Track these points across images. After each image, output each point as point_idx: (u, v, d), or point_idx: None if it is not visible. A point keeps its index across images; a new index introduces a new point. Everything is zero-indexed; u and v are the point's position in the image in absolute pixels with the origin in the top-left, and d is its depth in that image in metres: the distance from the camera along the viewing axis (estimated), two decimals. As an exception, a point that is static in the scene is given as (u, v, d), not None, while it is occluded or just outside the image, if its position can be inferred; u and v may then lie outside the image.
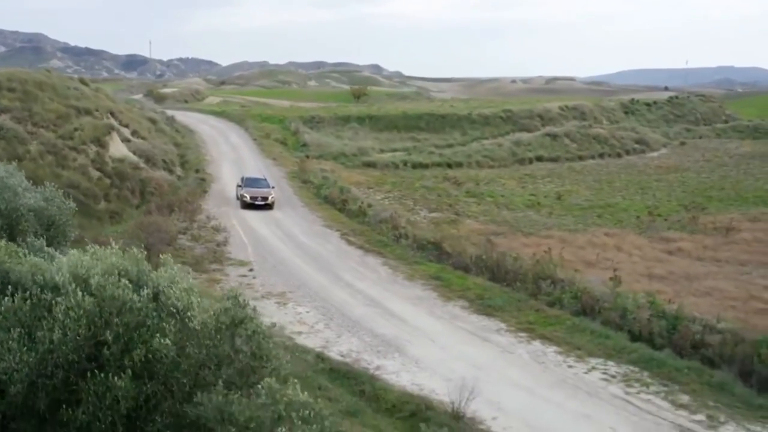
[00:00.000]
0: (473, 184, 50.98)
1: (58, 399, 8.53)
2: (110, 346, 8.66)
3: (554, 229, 37.57)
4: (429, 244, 29.35)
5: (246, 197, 37.50)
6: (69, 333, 8.59)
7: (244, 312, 9.49)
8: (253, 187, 38.45)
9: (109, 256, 9.74)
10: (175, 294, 9.07)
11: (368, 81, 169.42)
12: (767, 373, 17.99)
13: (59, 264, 9.59)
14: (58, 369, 8.59)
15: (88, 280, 9.01)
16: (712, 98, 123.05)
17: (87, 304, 8.72)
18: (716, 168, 65.79)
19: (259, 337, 9.67)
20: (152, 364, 8.63)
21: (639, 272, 30.18)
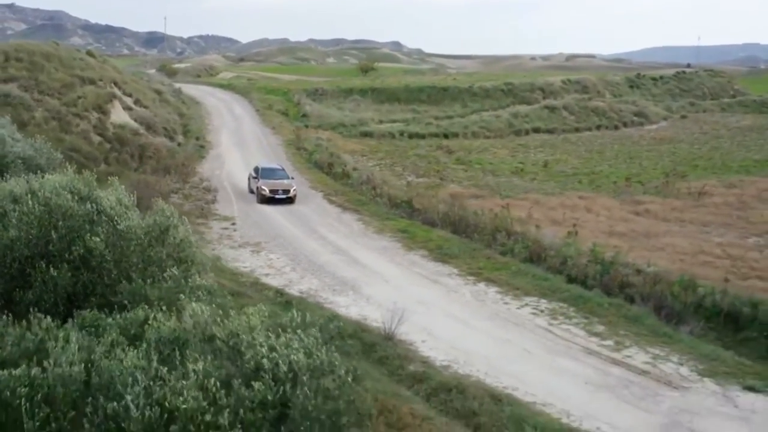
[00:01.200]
0: (465, 153, 52.82)
1: (14, 285, 10.75)
2: (55, 244, 10.87)
3: (532, 193, 39.38)
4: (402, 202, 31.41)
5: (264, 190, 33.26)
6: (23, 233, 10.81)
7: (168, 221, 11.66)
8: (270, 178, 34.20)
9: (61, 178, 11.95)
10: (110, 204, 11.25)
11: (387, 58, 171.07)
12: (677, 307, 20.03)
13: (20, 182, 11.82)
14: (15, 261, 10.81)
15: (40, 193, 11.22)
16: (722, 73, 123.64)
17: (37, 211, 10.92)
18: (711, 140, 67.06)
19: (185, 244, 11.86)
20: (87, 258, 10.84)
21: (601, 230, 31.99)
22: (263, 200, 33.14)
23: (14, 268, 10.78)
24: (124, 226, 10.97)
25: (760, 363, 17.45)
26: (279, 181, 34.07)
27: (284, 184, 33.91)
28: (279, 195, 33.28)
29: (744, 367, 17.01)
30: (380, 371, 16.07)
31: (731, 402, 15.15)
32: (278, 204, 33.02)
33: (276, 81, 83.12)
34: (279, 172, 35.44)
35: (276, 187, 33.45)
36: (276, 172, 35.31)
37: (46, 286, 10.52)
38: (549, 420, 14.01)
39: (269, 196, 33.09)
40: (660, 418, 14.53)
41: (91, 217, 11.20)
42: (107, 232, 10.95)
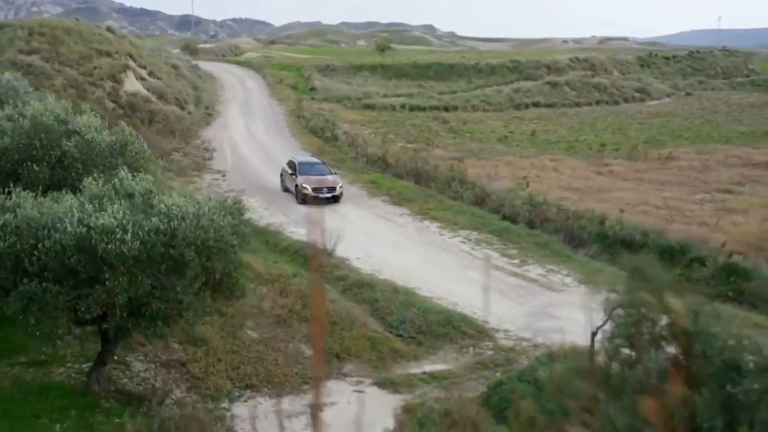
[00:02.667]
0: (459, 124, 56.15)
1: (7, 179, 14.58)
2: (38, 150, 14.69)
3: (508, 156, 42.76)
4: (378, 159, 35.03)
5: (306, 189, 28.94)
6: (15, 142, 14.64)
7: (127, 138, 15.44)
8: (311, 174, 30.02)
9: (45, 104, 15.79)
10: (81, 122, 15.04)
11: (418, 41, 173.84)
12: (583, 236, 23.52)
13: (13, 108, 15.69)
14: (8, 162, 14.66)
15: (28, 114, 15.05)
16: (737, 53, 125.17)
17: (26, 127, 14.75)
18: (706, 115, 69.59)
19: (139, 156, 15.65)
20: (62, 159, 14.65)
21: (560, 185, 35.34)
22: (304, 200, 28.75)
23: (8, 167, 14.60)
24: (90, 137, 14.75)
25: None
26: (321, 177, 29.78)
27: (328, 180, 29.55)
28: (323, 194, 28.65)
29: (620, 278, 20.47)
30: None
31: (591, 299, 18.69)
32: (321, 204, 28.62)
33: (292, 59, 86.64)
34: (319, 166, 31.08)
35: (319, 184, 29.04)
36: (315, 166, 30.92)
37: (30, 179, 14.31)
38: (433, 304, 17.65)
39: (312, 195, 28.54)
40: (530, 309, 18.13)
41: (66, 131, 14.99)
42: (77, 141, 14.73)
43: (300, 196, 29.30)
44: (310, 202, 28.50)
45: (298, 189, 29.55)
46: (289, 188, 30.71)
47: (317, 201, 28.35)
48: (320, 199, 28.48)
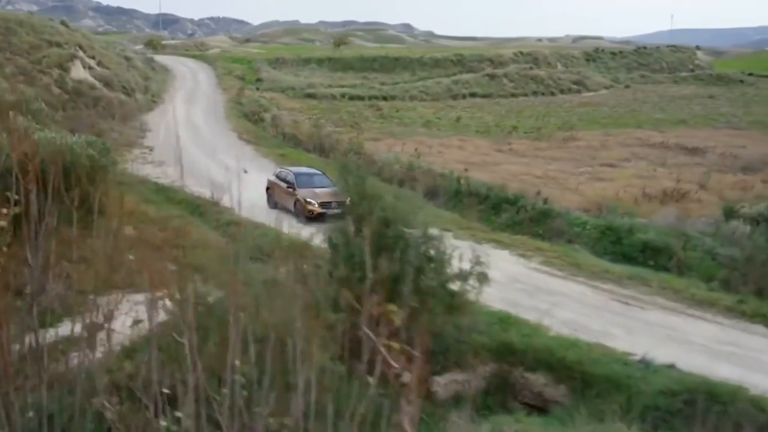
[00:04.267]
0: (392, 111, 60.32)
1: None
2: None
3: (423, 137, 46.94)
4: (293, 137, 39.18)
5: (312, 204, 25.57)
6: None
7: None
8: (313, 186, 26.71)
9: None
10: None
11: (393, 39, 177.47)
12: (441, 192, 27.78)
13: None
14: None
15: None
16: (683, 49, 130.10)
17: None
18: (635, 104, 74.16)
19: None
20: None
21: (457, 160, 39.49)
22: (311, 218, 25.07)
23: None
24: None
25: (474, 222, 25.24)
26: (326, 189, 26.02)
27: (336, 193, 24.29)
28: (333, 209, 23.87)
29: (459, 222, 24.83)
30: (201, 219, 23.96)
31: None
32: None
33: (246, 53, 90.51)
34: (319, 177, 27.67)
35: (327, 198, 25.29)
36: (315, 177, 27.63)
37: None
38: (277, 233, 21.73)
39: (319, 211, 25.02)
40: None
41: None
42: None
43: (304, 214, 25.34)
44: (317, 219, 24.15)
45: (301, 205, 25.63)
46: (284, 204, 26.91)
47: (325, 218, 23.25)
48: (329, 216, 23.05)
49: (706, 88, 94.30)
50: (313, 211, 25.48)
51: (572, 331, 15.00)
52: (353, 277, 11.87)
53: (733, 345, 14.82)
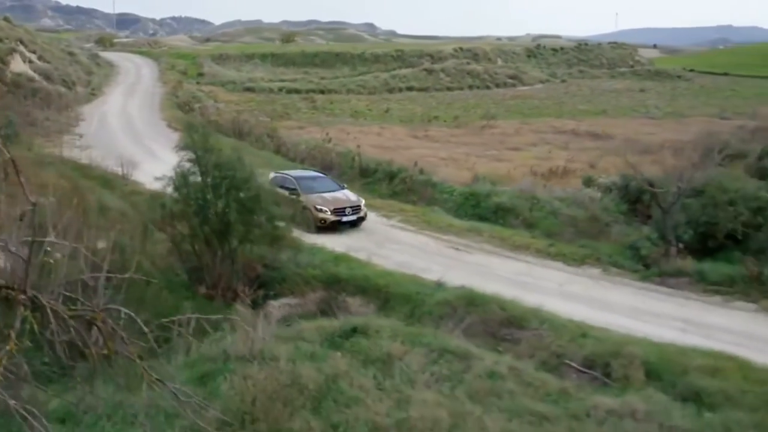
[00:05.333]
0: (326, 103, 63.13)
1: None
2: None
3: (347, 126, 49.77)
4: (216, 123, 41.89)
5: (325, 212, 22.67)
6: None
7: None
8: (320, 190, 23.89)
9: None
10: None
11: (354, 39, 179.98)
12: (337, 167, 30.71)
13: None
14: None
15: None
16: (624, 46, 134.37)
17: None
18: (565, 97, 77.61)
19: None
20: None
21: (371, 144, 42.25)
22: (323, 227, 22.44)
23: None
24: None
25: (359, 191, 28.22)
26: (335, 194, 23.74)
27: (350, 199, 23.42)
28: (348, 216, 22.66)
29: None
30: (109, 191, 26.71)
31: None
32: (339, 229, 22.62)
33: (192, 49, 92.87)
34: (323, 179, 25.21)
35: (341, 204, 22.93)
36: (319, 180, 25.01)
37: None
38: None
39: (333, 220, 22.55)
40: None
41: None
42: None
43: (316, 222, 22.47)
44: (330, 229, 22.24)
45: (310, 214, 22.64)
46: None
47: (339, 226, 22.33)
48: (343, 223, 22.38)
49: (641, 82, 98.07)
50: (325, 219, 22.26)
51: (398, 267, 18.01)
52: (189, 211, 14.75)
53: (528, 276, 17.95)
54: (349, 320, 12.32)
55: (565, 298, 16.21)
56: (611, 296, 16.61)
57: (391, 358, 11.20)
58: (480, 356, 11.31)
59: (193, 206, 14.91)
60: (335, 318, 13.58)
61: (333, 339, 11.87)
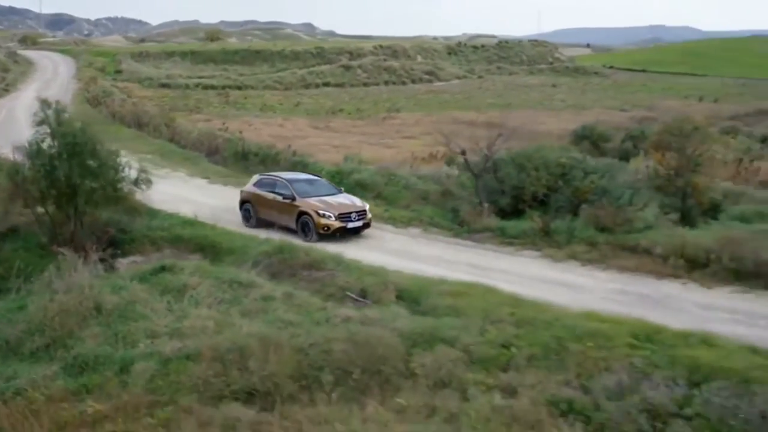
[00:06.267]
0: (240, 99, 65.09)
1: None
2: None
3: (252, 118, 51.84)
4: (119, 115, 43.77)
5: (329, 218, 20.68)
6: None
7: None
8: (317, 194, 21.86)
9: None
10: None
11: (290, 38, 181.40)
12: (223, 151, 32.88)
13: None
14: None
15: None
16: (544, 44, 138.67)
17: None
18: (478, 92, 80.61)
19: None
20: None
21: (270, 134, 44.39)
22: (326, 234, 20.57)
23: None
24: None
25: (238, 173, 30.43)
26: (338, 198, 21.93)
27: (355, 204, 21.68)
28: (354, 222, 20.95)
29: (222, 172, 30.09)
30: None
31: (188, 181, 28.14)
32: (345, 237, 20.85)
33: (113, 48, 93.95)
34: (319, 182, 23.40)
35: (346, 209, 21.08)
36: (315, 183, 23.09)
37: None
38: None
39: (338, 226, 20.71)
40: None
41: None
42: None
43: (317, 229, 20.62)
44: (334, 236, 20.54)
45: (311, 220, 20.72)
46: (278, 221, 21.86)
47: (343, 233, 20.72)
48: (349, 230, 20.79)
49: (557, 78, 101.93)
50: (329, 226, 20.50)
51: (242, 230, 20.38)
52: (38, 176, 16.90)
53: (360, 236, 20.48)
54: (160, 261, 14.59)
55: (382, 252, 18.76)
56: (422, 249, 19.19)
57: (186, 287, 13.57)
58: (262, 285, 13.71)
59: (41, 171, 17.07)
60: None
61: (143, 275, 14.17)
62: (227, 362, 10.59)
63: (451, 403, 9.87)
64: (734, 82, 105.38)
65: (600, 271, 17.04)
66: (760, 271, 15.71)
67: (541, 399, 9.89)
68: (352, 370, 10.40)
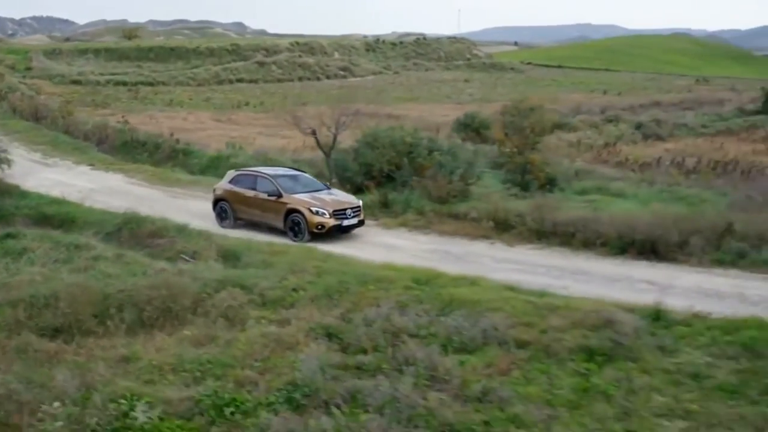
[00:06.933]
0: (150, 95, 65.83)
1: None
2: None
3: (157, 112, 52.83)
4: (19, 109, 44.45)
5: (324, 215, 19.36)
6: None
7: None
8: (304, 191, 20.44)
9: None
10: None
11: (218, 37, 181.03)
12: (112, 141, 34.02)
13: None
14: None
15: None
16: (462, 41, 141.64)
17: None
18: (391, 87, 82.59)
19: None
20: None
21: (172, 126, 45.13)
22: (320, 233, 19.26)
23: None
24: None
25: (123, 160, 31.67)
26: (331, 194, 20.68)
27: (349, 200, 20.44)
28: (349, 220, 19.67)
29: (107, 159, 31.29)
30: None
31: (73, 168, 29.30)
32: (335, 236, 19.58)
33: (26, 45, 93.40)
34: (303, 177, 21.74)
35: (341, 206, 19.78)
36: (300, 179, 21.47)
37: None
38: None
39: (333, 224, 19.43)
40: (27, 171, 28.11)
41: None
42: None
43: (309, 230, 19.28)
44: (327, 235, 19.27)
45: (302, 218, 19.39)
46: (261, 220, 20.57)
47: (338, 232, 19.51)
48: (344, 228, 19.59)
49: (472, 74, 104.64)
50: (324, 224, 19.16)
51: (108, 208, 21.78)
52: None
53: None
54: (5, 230, 16.00)
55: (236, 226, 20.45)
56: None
57: (26, 250, 15.00)
58: (95, 247, 15.22)
59: None
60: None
61: (-13, 242, 15.55)
62: (42, 306, 12.10)
63: (229, 334, 11.58)
64: (644, 77, 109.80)
65: (423, 235, 19.01)
66: (557, 230, 17.86)
67: (305, 327, 11.65)
68: (148, 308, 12.01)
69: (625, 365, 10.37)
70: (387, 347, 10.83)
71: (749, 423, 8.86)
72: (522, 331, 11.37)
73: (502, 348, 10.95)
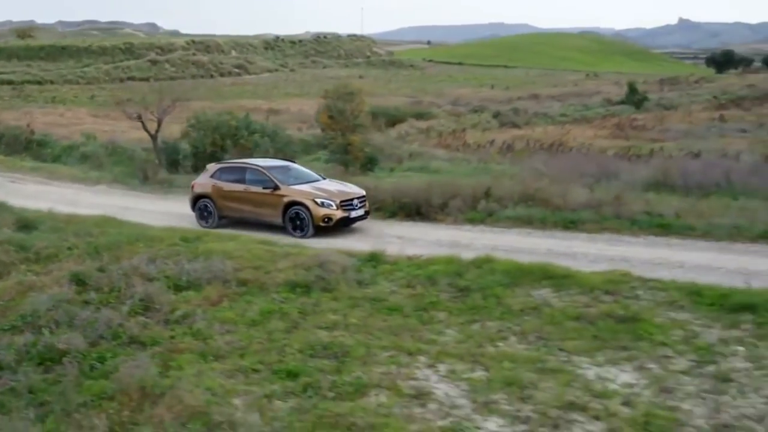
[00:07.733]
0: (37, 93, 66.15)
1: None
2: None
3: (36, 109, 53.43)
4: None
5: (330, 206, 17.69)
6: None
7: None
8: (300, 182, 18.70)
9: None
10: None
11: (128, 38, 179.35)
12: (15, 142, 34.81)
13: None
14: None
15: None
16: (362, 38, 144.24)
17: None
18: (283, 84, 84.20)
19: None
20: None
21: (46, 122, 46.20)
22: (325, 226, 17.64)
23: None
24: None
25: None
26: (335, 185, 19.13)
27: (354, 190, 18.84)
28: (356, 211, 18.25)
29: None
30: None
31: None
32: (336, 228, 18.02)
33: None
34: (295, 169, 19.87)
35: (346, 196, 18.25)
36: (292, 170, 19.62)
37: None
38: None
39: (341, 216, 17.89)
40: None
41: None
42: None
43: (314, 224, 17.65)
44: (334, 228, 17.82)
45: (306, 211, 17.70)
46: (254, 216, 18.64)
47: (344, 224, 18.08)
48: (351, 220, 18.19)
49: (369, 71, 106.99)
50: (331, 216, 17.68)
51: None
52: None
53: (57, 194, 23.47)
54: None
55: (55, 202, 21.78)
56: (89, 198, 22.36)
57: None
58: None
59: None
60: None
61: None
62: None
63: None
64: (539, 73, 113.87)
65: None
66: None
67: (63, 275, 13.36)
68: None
69: (319, 295, 12.37)
70: (123, 288, 12.62)
71: (392, 331, 10.92)
72: (248, 273, 13.28)
73: (224, 285, 12.84)
